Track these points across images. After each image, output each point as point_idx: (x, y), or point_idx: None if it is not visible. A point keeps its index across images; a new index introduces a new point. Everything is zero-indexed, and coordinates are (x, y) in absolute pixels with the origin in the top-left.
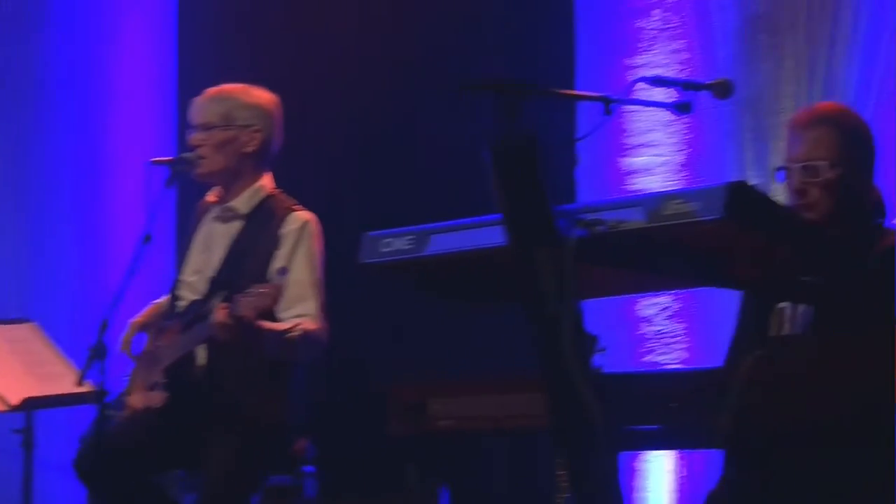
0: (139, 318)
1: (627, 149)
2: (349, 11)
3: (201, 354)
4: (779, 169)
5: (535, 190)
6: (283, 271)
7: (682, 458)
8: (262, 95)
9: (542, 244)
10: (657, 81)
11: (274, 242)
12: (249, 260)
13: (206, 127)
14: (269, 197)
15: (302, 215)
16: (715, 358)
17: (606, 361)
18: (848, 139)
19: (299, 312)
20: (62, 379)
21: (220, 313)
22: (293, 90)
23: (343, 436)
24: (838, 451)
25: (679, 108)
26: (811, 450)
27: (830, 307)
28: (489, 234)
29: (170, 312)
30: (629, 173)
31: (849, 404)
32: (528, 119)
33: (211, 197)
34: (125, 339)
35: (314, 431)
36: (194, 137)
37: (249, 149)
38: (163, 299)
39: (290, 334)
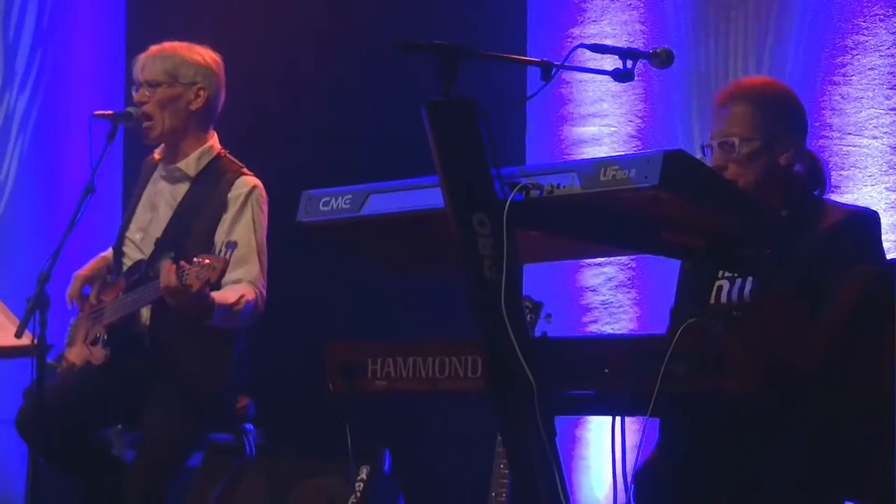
0: (84, 271)
1: (576, 119)
2: None
3: (144, 313)
4: (703, 147)
5: (474, 153)
6: (232, 245)
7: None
8: (206, 53)
9: (479, 208)
10: (597, 48)
11: (221, 206)
12: (196, 222)
13: (152, 84)
14: (216, 158)
15: (249, 180)
16: (661, 328)
17: (552, 329)
18: (767, 113)
19: (240, 277)
20: (2, 331)
21: (169, 277)
22: (238, 49)
23: (283, 395)
24: (756, 423)
25: (620, 76)
26: (733, 421)
27: (770, 280)
28: (428, 196)
29: (115, 268)
30: (578, 143)
31: (772, 375)
32: (474, 87)
33: (157, 154)
34: (71, 292)
35: (255, 390)
36: (140, 94)
37: (194, 107)
38: (108, 253)
39: (236, 307)
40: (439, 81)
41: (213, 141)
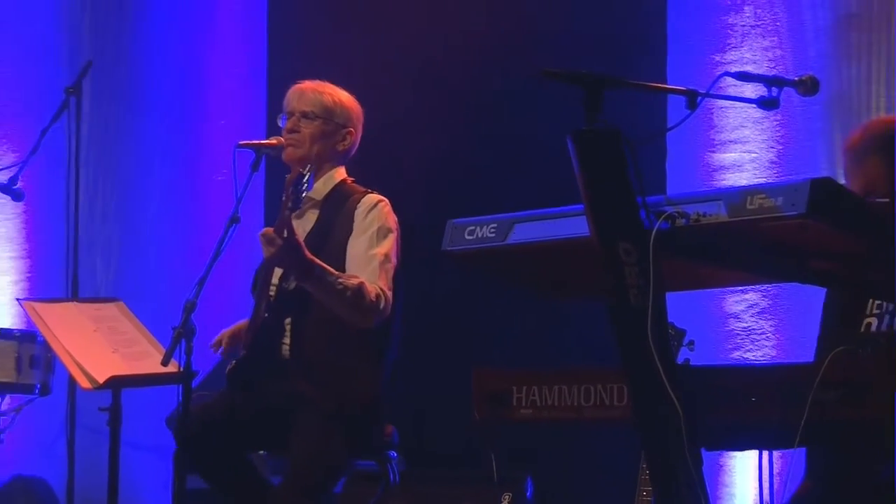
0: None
1: (717, 145)
2: (438, 3)
3: (286, 339)
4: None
5: (619, 182)
6: None
7: (768, 454)
8: (352, 99)
9: (625, 236)
10: (743, 76)
11: (349, 222)
12: (327, 242)
13: (307, 115)
14: (342, 183)
15: (375, 197)
16: (803, 355)
17: (694, 356)
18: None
19: (357, 276)
20: (149, 358)
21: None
22: (380, 81)
23: (427, 423)
24: None
25: (765, 103)
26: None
27: None
28: (573, 225)
29: (256, 303)
30: (719, 169)
31: None
32: (619, 112)
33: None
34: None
35: (399, 417)
36: (292, 122)
37: (340, 147)
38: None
39: (344, 281)
40: (584, 110)
41: (340, 171)
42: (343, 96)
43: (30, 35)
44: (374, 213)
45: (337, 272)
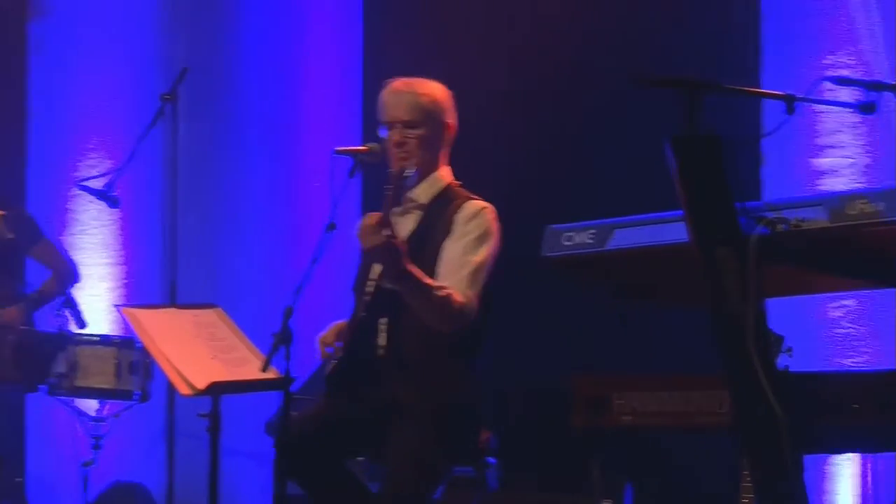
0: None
1: (815, 150)
2: (532, 8)
3: (382, 341)
4: None
5: (718, 187)
6: None
7: (869, 461)
8: (443, 89)
9: (725, 242)
10: (842, 81)
11: (448, 228)
12: (427, 246)
13: (409, 124)
14: (447, 187)
15: (478, 203)
16: None
17: (792, 362)
18: None
19: (446, 286)
20: (248, 364)
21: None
22: (475, 85)
23: (525, 429)
24: None
25: (863, 108)
26: None
27: None
28: (672, 230)
29: (356, 306)
30: (816, 174)
31: None
32: (712, 117)
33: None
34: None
35: (496, 423)
36: (397, 134)
37: (445, 143)
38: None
39: (434, 288)
40: (683, 116)
41: (446, 171)
42: (435, 90)
43: (124, 43)
44: (477, 219)
45: (429, 279)
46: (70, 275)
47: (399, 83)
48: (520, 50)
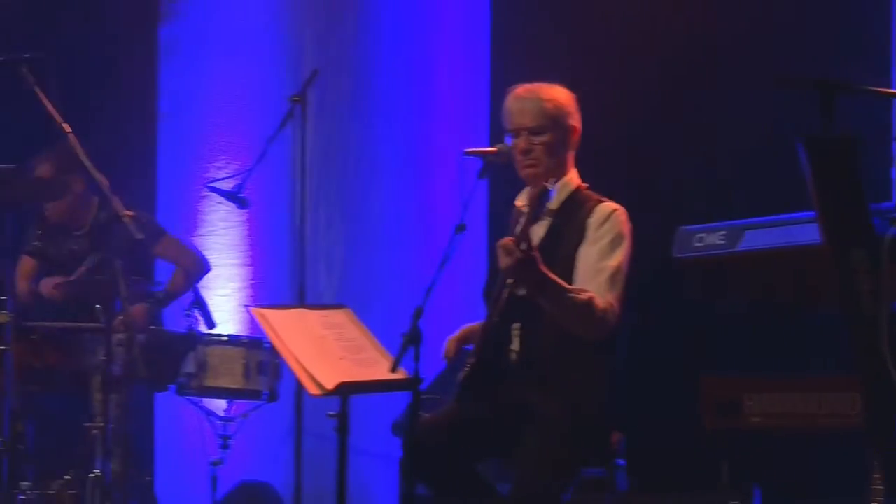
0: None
1: None
2: (660, 9)
3: (515, 343)
4: None
5: (852, 188)
6: None
7: None
8: (567, 93)
9: (858, 243)
10: None
11: (581, 232)
12: (559, 252)
13: (535, 131)
14: (577, 190)
15: (610, 205)
16: None
17: None
18: None
19: (587, 290)
20: (376, 365)
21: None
22: (603, 85)
23: (654, 430)
24: None
25: None
26: None
27: None
28: (803, 232)
29: (489, 310)
30: None
31: None
32: (842, 116)
33: (519, 202)
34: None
35: (626, 424)
36: (523, 141)
37: (569, 148)
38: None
39: (574, 295)
40: (820, 116)
41: (573, 174)
42: (558, 94)
43: (254, 45)
44: (609, 222)
45: (568, 286)
46: (198, 265)
47: (522, 90)
48: (648, 50)
